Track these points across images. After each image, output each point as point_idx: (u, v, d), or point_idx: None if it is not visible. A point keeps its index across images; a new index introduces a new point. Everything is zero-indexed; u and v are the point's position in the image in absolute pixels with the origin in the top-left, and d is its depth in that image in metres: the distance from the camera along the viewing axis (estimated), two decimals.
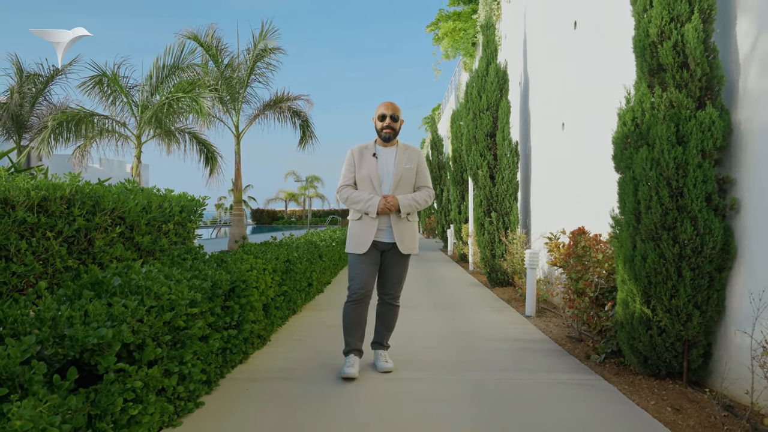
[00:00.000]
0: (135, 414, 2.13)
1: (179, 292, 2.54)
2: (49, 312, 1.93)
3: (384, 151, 3.55)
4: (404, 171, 3.50)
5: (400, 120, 3.57)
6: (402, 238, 3.47)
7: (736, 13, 3.11)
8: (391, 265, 3.54)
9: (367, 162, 3.51)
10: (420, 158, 3.62)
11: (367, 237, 3.43)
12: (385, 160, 3.53)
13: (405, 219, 3.50)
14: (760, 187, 2.91)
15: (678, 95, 3.05)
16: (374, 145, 3.58)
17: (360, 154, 3.56)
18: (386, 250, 3.53)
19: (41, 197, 3.04)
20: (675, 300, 3.12)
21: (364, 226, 3.46)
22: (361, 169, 3.52)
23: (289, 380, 3.37)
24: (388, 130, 3.50)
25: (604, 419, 2.79)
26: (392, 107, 3.54)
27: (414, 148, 3.63)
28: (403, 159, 3.53)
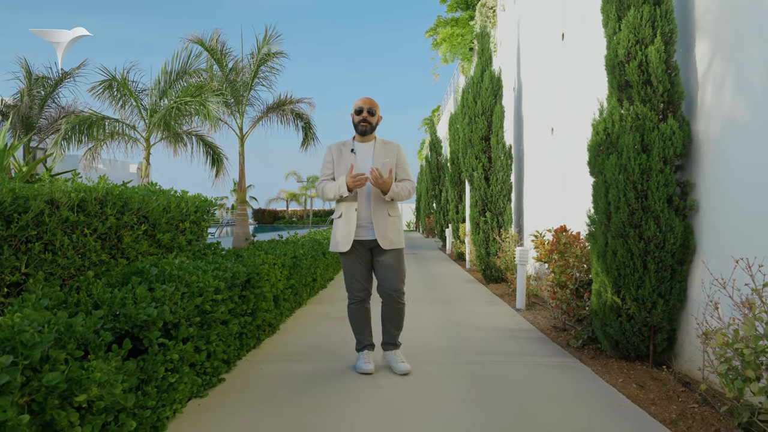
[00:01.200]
0: (173, 381, 2.53)
1: (206, 281, 2.95)
2: (105, 294, 2.33)
3: (362, 146, 3.57)
4: (383, 165, 3.49)
5: (377, 115, 3.56)
6: (383, 233, 3.44)
7: (696, 36, 3.51)
8: (381, 261, 3.51)
9: (345, 158, 3.52)
10: (399, 152, 3.62)
11: (347, 234, 3.44)
12: (363, 155, 3.53)
13: (386, 214, 3.48)
14: (715, 190, 3.30)
15: (643, 109, 3.45)
16: (352, 141, 3.60)
17: (338, 151, 3.57)
18: (373, 247, 3.53)
19: (80, 198, 3.44)
20: (641, 290, 3.52)
21: (345, 223, 3.47)
22: (339, 165, 3.52)
23: (299, 362, 3.77)
24: (364, 124, 3.50)
25: (576, 393, 3.19)
26: (369, 101, 3.54)
27: (392, 143, 3.64)
28: (381, 153, 3.53)
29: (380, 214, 3.46)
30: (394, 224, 3.51)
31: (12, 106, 16.28)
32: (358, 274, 3.52)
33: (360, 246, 3.50)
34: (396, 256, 3.52)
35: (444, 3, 13.04)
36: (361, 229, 3.47)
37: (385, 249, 3.46)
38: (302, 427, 2.61)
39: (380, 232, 3.44)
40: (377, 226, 3.44)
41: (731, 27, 3.15)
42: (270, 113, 15.13)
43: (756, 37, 2.93)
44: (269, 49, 14.52)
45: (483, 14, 10.41)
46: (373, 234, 3.46)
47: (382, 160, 3.51)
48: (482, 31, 8.70)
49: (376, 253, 3.54)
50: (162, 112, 10.60)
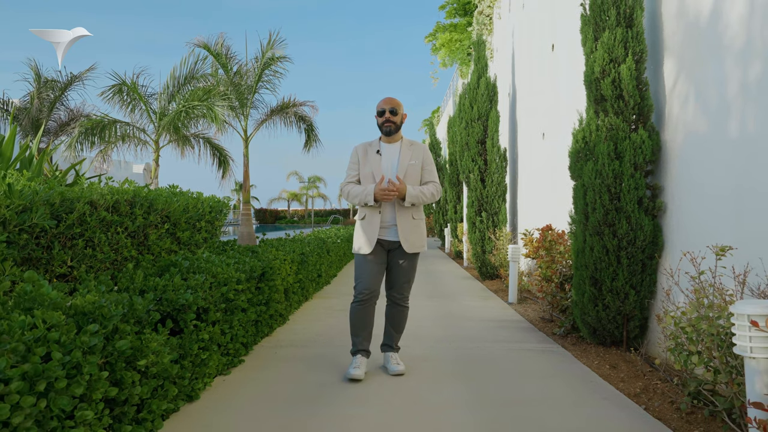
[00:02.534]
0: (204, 358, 2.95)
1: (229, 273, 3.37)
2: (150, 282, 2.75)
3: (388, 147, 3.54)
4: (409, 167, 3.47)
5: (400, 113, 3.53)
6: (407, 237, 3.41)
7: (664, 55, 3.92)
8: (398, 264, 3.48)
9: (370, 159, 3.50)
10: (425, 153, 3.58)
11: (371, 236, 3.41)
12: (389, 157, 3.50)
13: (410, 217, 3.45)
14: (680, 193, 3.72)
15: (616, 120, 3.87)
16: (378, 142, 3.58)
17: (364, 152, 3.55)
18: (393, 249, 3.49)
19: (114, 200, 3.85)
20: (615, 282, 3.93)
21: (368, 225, 3.44)
22: (365, 166, 3.50)
23: (308, 347, 4.19)
24: (389, 124, 3.48)
25: (555, 372, 3.60)
26: (390, 101, 3.51)
27: (419, 144, 3.62)
28: (407, 155, 3.50)
29: (404, 218, 3.43)
30: (418, 227, 3.49)
31: (21, 108, 16.71)
32: (370, 274, 3.42)
33: (380, 246, 3.46)
34: (413, 260, 3.51)
35: (443, 9, 13.47)
36: (384, 230, 3.44)
37: (405, 252, 3.44)
38: (316, 399, 3.02)
39: (404, 236, 3.41)
40: (401, 229, 3.40)
41: (692, 48, 3.56)
42: (274, 116, 15.56)
43: (712, 58, 3.34)
44: (273, 54, 14.95)
45: (480, 22, 10.82)
46: (395, 235, 3.43)
47: (408, 162, 3.47)
48: (478, 39, 9.12)
49: (393, 255, 3.49)
50: (171, 116, 11.04)
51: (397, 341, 3.65)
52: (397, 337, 3.64)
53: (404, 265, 3.48)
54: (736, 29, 3.10)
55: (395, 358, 3.58)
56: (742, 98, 3.04)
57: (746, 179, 2.98)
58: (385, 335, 3.65)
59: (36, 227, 3.04)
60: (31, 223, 2.95)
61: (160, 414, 2.48)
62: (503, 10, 10.06)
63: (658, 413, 2.88)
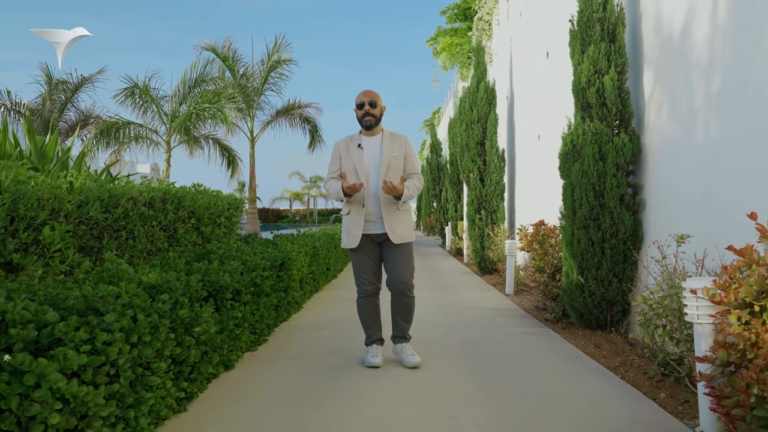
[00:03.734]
0: (238, 333, 3.40)
1: (256, 260, 3.81)
2: (194, 266, 3.20)
3: (369, 140, 3.51)
4: (391, 159, 3.45)
5: (379, 106, 3.50)
6: (393, 228, 3.42)
7: (644, 67, 4.37)
8: (390, 255, 3.50)
9: (352, 153, 3.48)
10: (407, 145, 3.57)
11: (356, 230, 3.43)
12: (371, 150, 3.48)
13: (395, 209, 3.45)
14: (656, 191, 4.16)
15: (600, 125, 4.31)
16: (359, 135, 3.55)
17: (346, 147, 3.52)
18: (382, 241, 3.51)
19: (150, 197, 4.29)
20: (600, 271, 4.38)
21: (354, 220, 3.46)
22: (347, 161, 3.48)
23: (322, 329, 4.64)
24: (368, 118, 3.45)
25: (544, 350, 4.05)
26: (369, 94, 3.48)
27: (400, 135, 3.58)
28: (389, 147, 3.48)
29: (389, 209, 3.44)
30: (403, 218, 3.51)
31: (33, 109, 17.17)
32: (367, 269, 3.50)
33: (369, 240, 3.50)
34: (405, 249, 3.50)
35: (444, 14, 13.91)
36: (369, 223, 3.46)
37: (394, 243, 3.45)
38: (337, 369, 3.46)
39: (390, 227, 3.42)
40: (387, 221, 3.41)
41: (666, 61, 4.01)
42: (279, 117, 16.03)
43: (682, 71, 3.79)
44: (279, 57, 15.43)
45: (479, 28, 11.27)
46: (382, 228, 3.45)
47: (390, 154, 3.46)
48: (477, 45, 9.57)
49: (385, 247, 3.52)
50: (182, 118, 11.50)
51: (407, 330, 3.64)
52: (406, 327, 3.63)
53: (397, 255, 3.47)
54: (701, 48, 3.54)
55: (409, 348, 3.58)
56: (706, 108, 3.48)
57: (710, 179, 3.43)
58: (394, 327, 3.64)
59: (91, 220, 3.49)
60: (87, 215, 3.39)
61: (206, 377, 2.93)
62: (502, 17, 10.50)
63: (632, 381, 3.32)
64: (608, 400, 2.95)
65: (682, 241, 3.02)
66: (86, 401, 1.70)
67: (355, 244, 3.44)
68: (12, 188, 2.72)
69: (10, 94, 17.44)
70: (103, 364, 1.85)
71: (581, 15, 4.48)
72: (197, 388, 2.78)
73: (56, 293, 1.97)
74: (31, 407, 1.49)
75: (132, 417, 2.03)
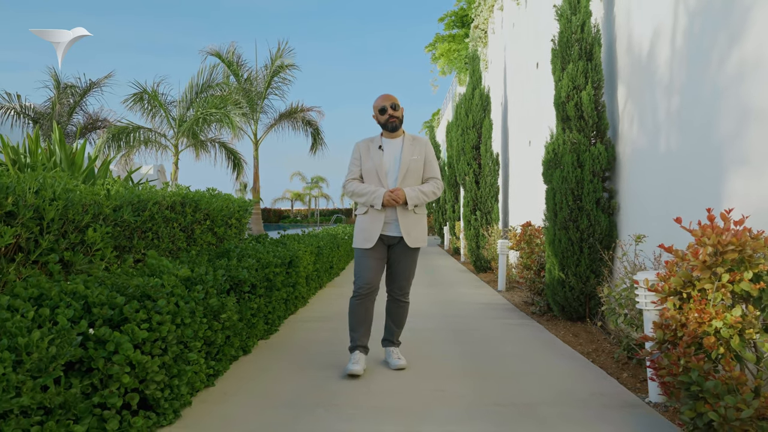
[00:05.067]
0: (254, 322, 3.86)
1: (269, 258, 4.27)
2: (217, 263, 3.66)
3: (390, 143, 3.52)
4: (411, 162, 3.46)
5: (400, 108, 3.53)
6: (409, 231, 3.43)
7: (618, 83, 4.82)
8: (399, 259, 3.51)
9: (373, 155, 3.49)
10: (427, 149, 3.57)
11: (373, 231, 3.42)
12: (391, 152, 3.49)
13: (412, 211, 3.45)
14: (629, 195, 4.61)
15: (578, 136, 4.77)
16: (380, 137, 3.56)
17: (366, 148, 3.54)
18: (393, 244, 3.50)
19: (173, 201, 4.75)
20: (579, 268, 4.83)
21: (371, 221, 3.44)
22: (367, 162, 3.49)
23: (327, 322, 5.10)
24: (393, 120, 3.48)
25: (527, 338, 4.51)
26: (389, 98, 3.50)
27: (421, 139, 3.60)
28: (409, 150, 3.49)
29: (405, 212, 3.44)
30: (420, 221, 3.52)
31: (42, 112, 17.65)
32: (370, 268, 3.45)
33: (380, 242, 3.48)
34: (413, 256, 3.54)
35: (442, 21, 14.37)
36: (386, 225, 3.45)
37: (407, 246, 3.46)
38: (335, 357, 3.92)
39: (406, 230, 3.42)
40: (403, 224, 3.41)
41: (636, 79, 4.46)
42: (282, 120, 16.50)
43: (648, 88, 4.24)
44: (282, 62, 15.89)
45: (475, 37, 11.72)
46: (397, 230, 3.43)
47: (410, 157, 3.47)
48: (473, 54, 10.02)
49: (394, 250, 3.52)
50: (190, 122, 11.98)
51: (397, 336, 3.69)
52: (397, 332, 3.68)
53: (405, 260, 3.51)
54: (663, 69, 4.00)
55: (396, 352, 3.62)
56: (667, 122, 3.94)
57: (669, 184, 3.88)
58: (386, 330, 3.68)
59: (124, 222, 3.94)
60: (121, 218, 3.84)
61: (229, 358, 3.39)
62: (497, 26, 10.96)
63: (601, 364, 3.78)
64: (577, 378, 3.41)
65: (640, 241, 3.48)
66: (146, 367, 2.16)
67: (370, 245, 3.42)
68: (64, 196, 3.17)
69: (20, 98, 17.93)
70: (156, 340, 2.31)
71: (561, 36, 4.94)
72: (222, 367, 3.24)
73: (120, 282, 2.43)
74: (112, 367, 1.95)
75: (176, 385, 2.49)
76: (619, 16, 4.84)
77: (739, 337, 2.26)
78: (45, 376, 1.62)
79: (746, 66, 3.03)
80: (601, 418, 2.72)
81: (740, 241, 2.21)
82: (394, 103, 3.50)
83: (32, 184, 2.93)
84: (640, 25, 4.41)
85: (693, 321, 2.34)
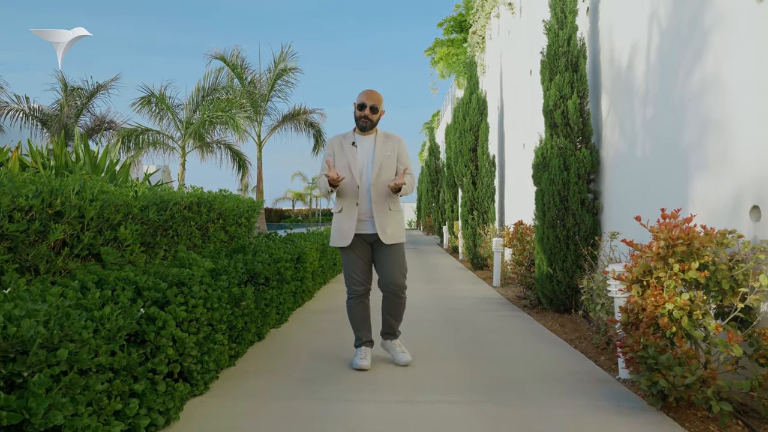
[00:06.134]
0: (268, 311, 4.26)
1: (279, 254, 4.67)
2: (236, 257, 4.06)
3: (363, 139, 3.53)
4: (384, 159, 3.48)
5: (380, 112, 3.52)
6: (384, 228, 3.43)
7: (602, 93, 5.22)
8: (382, 256, 3.52)
9: (346, 151, 3.50)
10: (401, 146, 3.59)
11: (348, 229, 3.44)
12: (364, 149, 3.51)
13: (387, 208, 3.47)
14: (611, 196, 5.01)
15: (565, 141, 5.16)
16: (353, 134, 3.57)
17: (339, 144, 3.55)
18: (374, 241, 3.53)
19: (190, 201, 5.15)
20: (565, 263, 5.22)
21: (346, 218, 3.47)
22: (340, 158, 3.51)
23: (332, 313, 5.49)
24: (364, 120, 3.47)
25: (516, 328, 4.91)
26: (373, 97, 3.48)
27: (394, 136, 3.61)
28: (382, 147, 3.51)
29: (381, 209, 3.46)
30: (395, 218, 3.52)
31: (51, 114, 18.05)
32: (357, 269, 3.50)
33: (360, 240, 3.50)
34: (397, 250, 3.52)
35: (441, 26, 14.76)
36: (361, 223, 3.47)
37: (385, 244, 3.47)
38: (340, 343, 4.32)
39: (381, 227, 3.43)
40: (378, 221, 3.43)
41: (617, 89, 4.86)
42: (285, 122, 16.90)
43: (627, 98, 4.63)
44: (285, 66, 16.29)
45: (473, 43, 12.11)
46: (373, 228, 3.45)
47: (383, 153, 3.50)
48: (470, 60, 10.42)
49: (376, 248, 3.54)
50: (196, 125, 12.39)
51: (396, 328, 3.71)
52: (396, 325, 3.69)
53: (389, 256, 3.50)
54: (640, 81, 4.39)
55: (400, 345, 3.67)
56: (643, 130, 4.34)
57: (643, 186, 4.28)
58: (384, 324, 3.70)
59: (149, 220, 4.33)
60: (147, 217, 4.24)
61: (247, 342, 3.79)
62: (493, 32, 11.35)
63: (582, 349, 4.18)
64: (558, 360, 3.81)
65: (614, 237, 3.87)
66: (185, 342, 2.56)
67: (345, 243, 3.45)
68: (101, 197, 3.56)
69: (28, 100, 18.34)
70: (192, 320, 2.71)
71: (549, 49, 5.34)
72: (241, 349, 3.64)
73: (161, 272, 2.83)
74: (161, 340, 2.35)
75: (206, 360, 2.89)
76: (602, 30, 5.24)
77: (688, 318, 2.66)
78: (113, 343, 2.01)
79: (706, 82, 3.43)
80: (575, 390, 3.12)
81: (688, 236, 2.61)
82: (375, 105, 3.48)
83: (75, 187, 3.32)
84: (620, 40, 4.81)
85: (650, 305, 2.74)
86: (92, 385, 1.84)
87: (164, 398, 2.35)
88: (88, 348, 1.81)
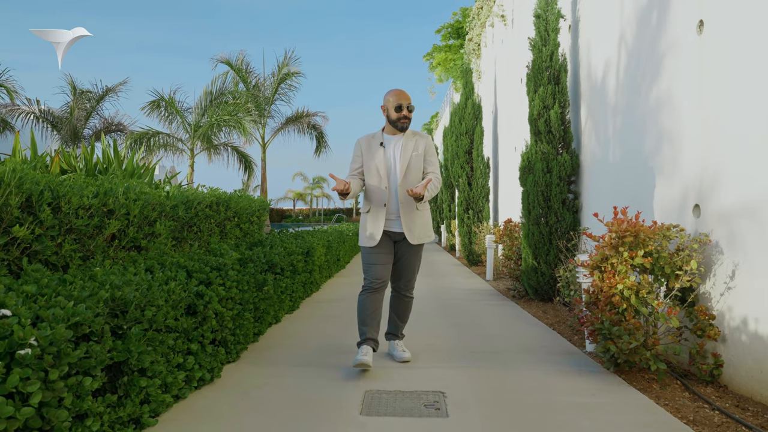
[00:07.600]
0: (283, 298, 4.84)
1: (292, 248, 5.25)
2: (256, 250, 4.64)
3: (392, 139, 3.53)
4: (412, 158, 3.47)
5: (413, 109, 3.53)
6: (411, 228, 3.44)
7: (581, 102, 5.80)
8: (404, 255, 3.54)
9: (374, 152, 3.49)
10: (428, 144, 3.57)
11: (376, 228, 3.45)
12: (392, 149, 3.50)
13: (414, 208, 3.45)
14: (588, 196, 5.59)
15: (547, 147, 5.75)
16: (381, 134, 3.56)
17: (367, 145, 3.54)
18: (399, 240, 3.52)
19: (210, 201, 5.72)
20: (548, 257, 5.80)
21: (374, 218, 3.47)
22: (368, 159, 3.50)
23: (338, 302, 6.08)
24: (404, 121, 3.47)
25: (503, 314, 5.49)
26: (407, 97, 3.50)
27: (422, 134, 3.60)
28: (410, 146, 3.49)
29: (408, 209, 3.45)
30: (422, 218, 3.52)
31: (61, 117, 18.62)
32: (380, 263, 3.46)
33: (387, 237, 3.50)
34: (417, 253, 3.56)
35: (438, 33, 15.36)
36: (390, 221, 3.48)
37: (410, 243, 3.48)
38: (347, 327, 4.90)
39: (408, 227, 3.44)
40: (405, 221, 3.43)
41: (593, 100, 5.44)
42: (288, 125, 17.50)
43: (601, 109, 5.21)
44: (288, 70, 16.88)
45: (469, 50, 12.70)
46: (400, 226, 3.46)
47: (411, 152, 3.49)
48: (466, 67, 11.01)
49: (399, 246, 3.54)
50: (205, 128, 12.97)
51: (401, 329, 3.75)
52: (401, 326, 3.74)
53: (410, 256, 3.53)
54: (611, 94, 4.98)
55: (401, 345, 3.70)
56: (614, 138, 4.92)
57: (614, 188, 4.86)
58: (390, 324, 3.74)
59: (179, 217, 4.91)
60: (177, 215, 4.81)
61: (266, 324, 4.37)
62: (488, 40, 11.94)
63: (559, 331, 4.76)
64: (535, 338, 4.39)
65: (584, 233, 4.45)
66: (224, 316, 3.14)
67: (374, 243, 3.44)
68: (142, 197, 4.13)
69: (39, 103, 18.91)
70: (228, 299, 3.29)
71: (534, 63, 5.92)
72: (263, 328, 4.22)
73: (204, 258, 3.41)
74: (208, 312, 2.93)
75: (238, 333, 3.47)
76: (582, 47, 5.82)
77: (635, 297, 3.24)
78: (177, 310, 2.59)
79: (661, 99, 4.01)
80: (546, 360, 3.70)
81: (635, 228, 3.19)
82: (411, 104, 3.50)
83: (122, 188, 3.90)
84: (596, 56, 5.39)
85: (606, 286, 3.32)
86: (165, 341, 2.42)
87: (210, 359, 2.93)
88: (163, 312, 2.39)
